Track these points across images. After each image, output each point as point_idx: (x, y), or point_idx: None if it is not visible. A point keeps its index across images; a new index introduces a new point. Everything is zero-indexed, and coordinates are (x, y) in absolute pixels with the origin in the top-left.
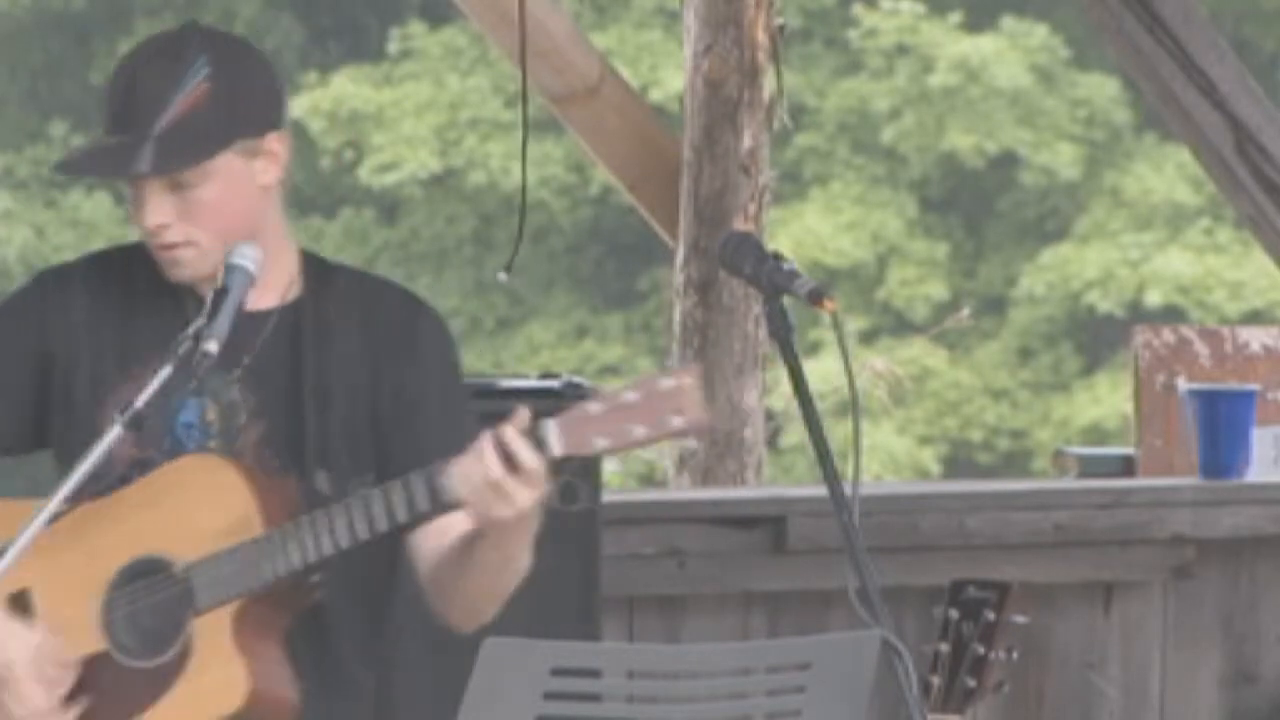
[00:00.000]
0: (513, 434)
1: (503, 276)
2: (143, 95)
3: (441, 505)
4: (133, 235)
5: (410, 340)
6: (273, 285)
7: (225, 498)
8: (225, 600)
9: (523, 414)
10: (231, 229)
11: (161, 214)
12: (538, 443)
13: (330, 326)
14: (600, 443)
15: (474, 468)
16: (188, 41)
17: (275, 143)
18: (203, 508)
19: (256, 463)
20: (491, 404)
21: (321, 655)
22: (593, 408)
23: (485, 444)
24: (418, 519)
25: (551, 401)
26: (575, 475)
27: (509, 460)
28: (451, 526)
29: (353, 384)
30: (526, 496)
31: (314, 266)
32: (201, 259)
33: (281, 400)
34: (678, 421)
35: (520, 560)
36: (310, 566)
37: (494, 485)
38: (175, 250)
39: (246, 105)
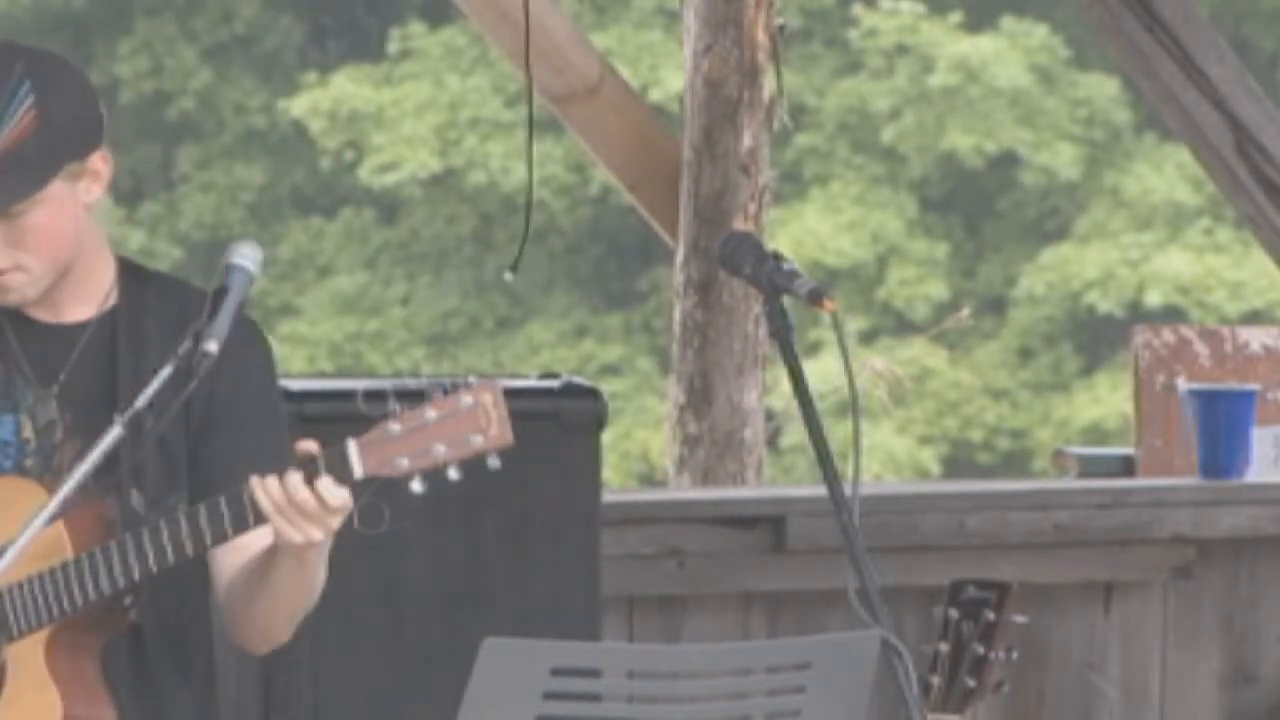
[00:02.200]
0: (318, 458)
1: (509, 276)
2: None
3: (246, 528)
4: None
5: (222, 348)
6: (89, 297)
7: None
8: (37, 626)
9: (303, 446)
10: (59, 252)
11: None
12: (340, 465)
13: (145, 338)
14: (403, 463)
15: (278, 493)
16: (9, 66)
17: (99, 162)
18: (12, 533)
19: (82, 479)
20: (326, 406)
21: (138, 676)
22: (394, 428)
23: (291, 471)
24: (223, 540)
25: (351, 407)
26: (378, 496)
27: (313, 487)
28: (251, 543)
29: (167, 398)
30: (330, 521)
31: (130, 275)
32: (30, 284)
33: (97, 417)
34: (478, 440)
35: (317, 577)
36: (121, 590)
37: (298, 511)
38: (3, 277)
39: (72, 129)
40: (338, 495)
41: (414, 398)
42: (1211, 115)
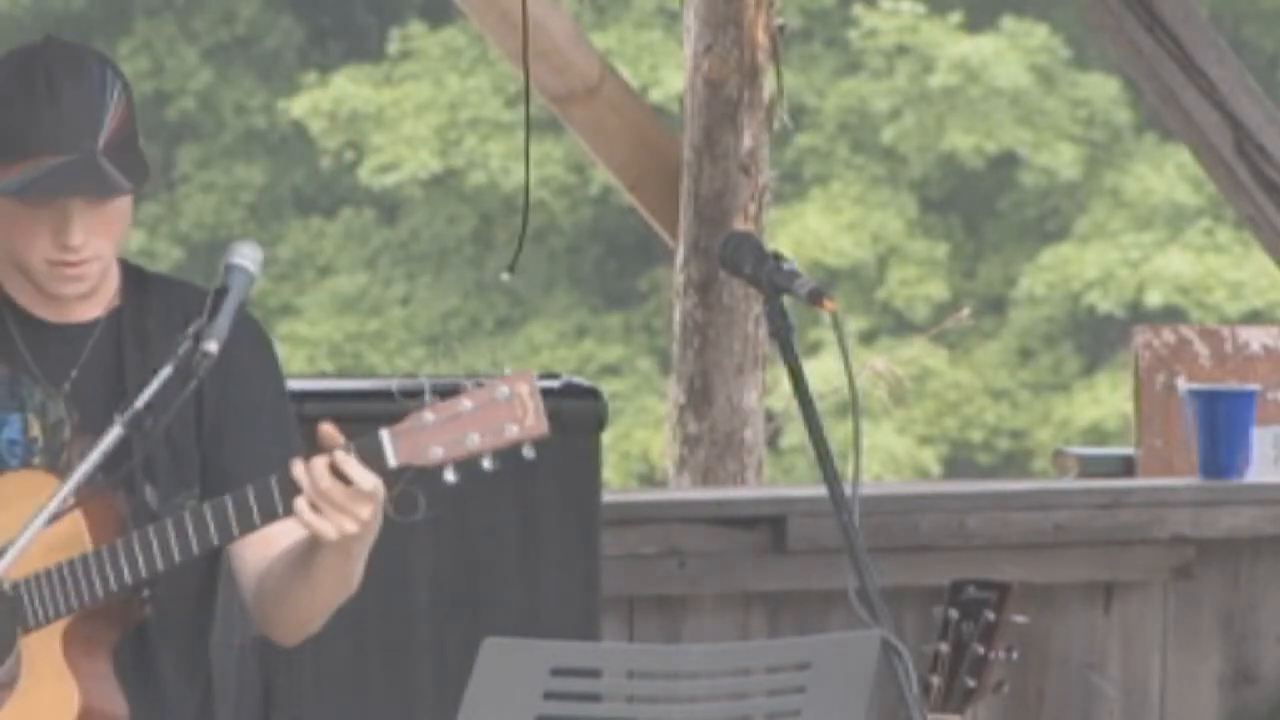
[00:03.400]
0: (343, 452)
1: (505, 276)
2: (75, 113)
3: (275, 517)
4: None
5: (230, 349)
6: (98, 296)
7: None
8: (55, 617)
9: (327, 430)
10: (122, 242)
11: (86, 230)
12: (373, 454)
13: (148, 338)
14: (437, 452)
15: (306, 482)
16: (86, 56)
17: None
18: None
19: (82, 479)
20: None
21: (148, 670)
22: (428, 417)
23: (318, 460)
24: (250, 530)
25: (389, 405)
26: (413, 484)
27: (342, 476)
28: (277, 537)
29: (169, 398)
30: (361, 511)
31: (132, 276)
32: (100, 272)
33: (105, 415)
34: (514, 430)
35: (357, 570)
36: (141, 582)
37: (327, 501)
38: (83, 266)
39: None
40: (366, 479)
41: (447, 394)
42: (1211, 115)
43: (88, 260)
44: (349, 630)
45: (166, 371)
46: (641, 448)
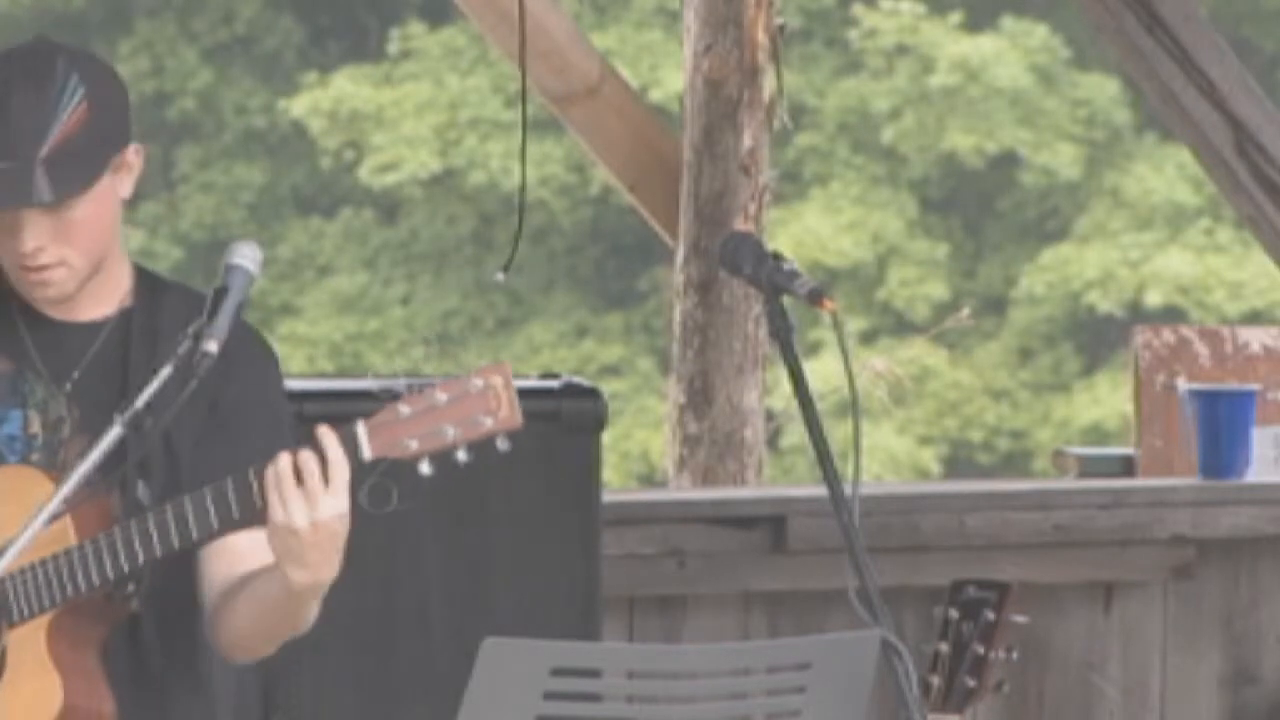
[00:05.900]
0: (325, 434)
1: (500, 277)
2: (21, 120)
3: (252, 509)
4: None
5: (228, 356)
6: (105, 297)
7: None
8: (38, 612)
9: (323, 430)
10: (99, 246)
11: (38, 237)
12: (349, 446)
13: (157, 342)
14: (412, 445)
15: (284, 472)
16: (54, 61)
17: (133, 155)
18: (16, 520)
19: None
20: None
21: (140, 667)
22: (403, 410)
23: (291, 451)
24: (230, 525)
25: (363, 403)
26: (386, 476)
27: (318, 464)
28: (246, 556)
29: (169, 397)
30: (332, 501)
31: (146, 281)
32: (71, 278)
33: (106, 415)
34: (489, 422)
35: (310, 607)
36: (123, 577)
37: (301, 491)
38: (47, 271)
39: (115, 123)
40: (336, 451)
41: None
42: (1211, 115)
43: (49, 266)
44: (348, 630)
45: (166, 371)
46: (641, 448)
